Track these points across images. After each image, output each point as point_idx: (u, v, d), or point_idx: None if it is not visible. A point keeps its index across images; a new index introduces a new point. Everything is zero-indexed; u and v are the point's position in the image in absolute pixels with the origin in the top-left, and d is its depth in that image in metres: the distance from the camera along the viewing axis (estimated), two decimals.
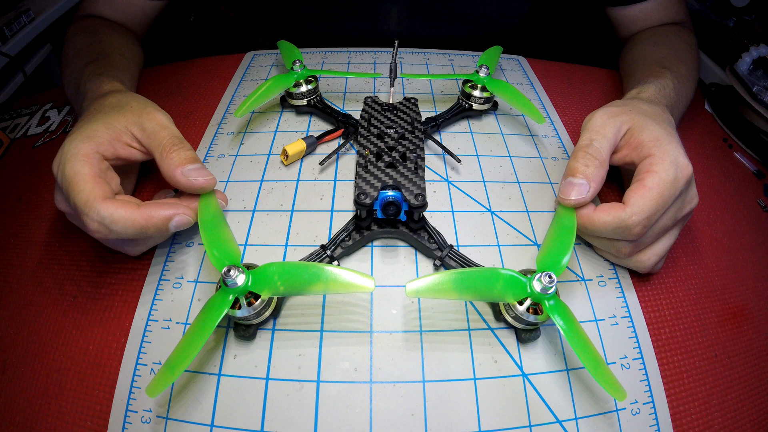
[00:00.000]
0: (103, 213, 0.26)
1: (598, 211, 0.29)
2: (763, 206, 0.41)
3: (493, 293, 0.27)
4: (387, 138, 0.36)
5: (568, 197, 0.30)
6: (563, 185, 0.31)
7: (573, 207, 0.30)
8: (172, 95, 0.47)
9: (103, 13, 0.49)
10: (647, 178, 0.29)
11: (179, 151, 0.30)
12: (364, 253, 0.33)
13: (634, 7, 0.50)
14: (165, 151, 0.30)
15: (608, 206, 0.29)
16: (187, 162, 0.30)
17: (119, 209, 0.27)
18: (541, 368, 0.28)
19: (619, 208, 0.28)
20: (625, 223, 0.28)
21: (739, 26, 0.59)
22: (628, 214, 0.28)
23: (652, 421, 0.27)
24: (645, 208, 0.28)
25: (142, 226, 0.27)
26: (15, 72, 0.73)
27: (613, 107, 0.33)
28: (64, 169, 0.28)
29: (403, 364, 0.27)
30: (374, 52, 0.54)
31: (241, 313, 0.26)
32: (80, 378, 0.27)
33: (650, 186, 0.28)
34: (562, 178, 0.31)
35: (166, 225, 0.28)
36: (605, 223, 0.29)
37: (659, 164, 0.29)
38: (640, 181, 0.29)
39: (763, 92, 0.46)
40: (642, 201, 0.28)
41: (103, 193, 0.27)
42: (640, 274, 0.32)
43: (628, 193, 0.29)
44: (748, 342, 0.32)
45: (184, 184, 0.30)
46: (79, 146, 0.28)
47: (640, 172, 0.30)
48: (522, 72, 0.52)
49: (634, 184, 0.29)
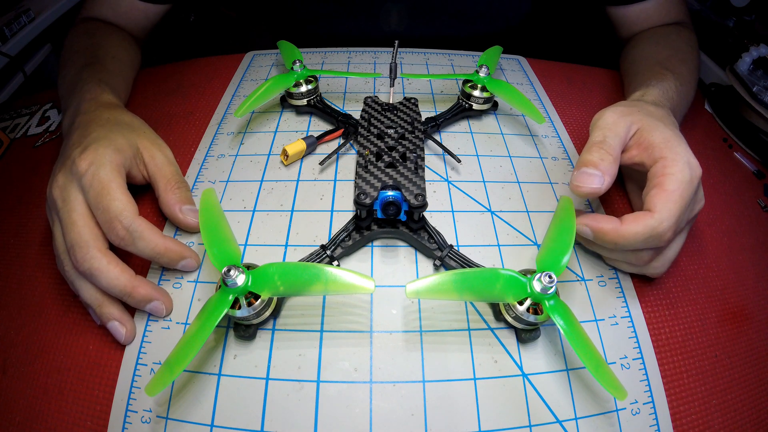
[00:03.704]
0: (135, 226, 0.28)
1: (627, 224, 0.28)
2: (763, 206, 0.41)
3: (493, 293, 0.27)
4: (387, 138, 0.36)
5: (583, 185, 0.29)
6: (577, 174, 0.29)
7: (585, 197, 0.29)
8: (172, 95, 0.47)
9: (105, 16, 0.49)
10: (666, 182, 0.28)
11: (182, 189, 0.34)
12: (364, 253, 0.33)
13: (634, 7, 0.50)
14: (169, 185, 0.33)
15: (634, 216, 0.28)
16: (186, 201, 0.33)
17: (148, 229, 0.29)
18: (541, 368, 0.28)
19: (647, 216, 0.27)
20: (657, 230, 0.27)
21: (739, 26, 0.59)
22: (657, 221, 0.27)
23: (652, 421, 0.27)
24: (672, 212, 0.27)
25: (159, 252, 0.29)
26: (15, 72, 0.73)
27: (621, 107, 0.33)
28: (99, 173, 0.29)
29: (403, 364, 0.27)
30: (374, 52, 0.54)
31: (241, 313, 0.26)
32: (80, 378, 0.27)
33: (672, 189, 0.28)
34: (575, 169, 0.30)
35: (177, 262, 0.30)
36: (637, 234, 0.27)
37: (674, 166, 0.28)
38: (660, 185, 0.28)
39: (763, 92, 0.46)
40: (668, 205, 0.27)
41: (135, 207, 0.29)
42: (640, 274, 0.32)
43: (650, 199, 0.28)
44: (748, 342, 0.32)
45: (180, 220, 0.33)
46: (113, 156, 0.30)
47: (655, 176, 0.29)
48: (522, 72, 0.52)
49: (654, 189, 0.28)
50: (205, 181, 0.37)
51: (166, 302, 0.29)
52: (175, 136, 0.42)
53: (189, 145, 0.41)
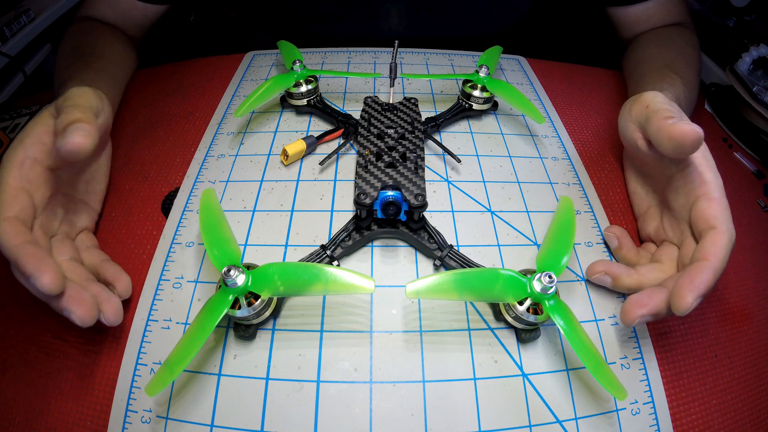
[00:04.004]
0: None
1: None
2: (763, 206, 0.41)
3: (493, 293, 0.27)
4: (387, 138, 0.36)
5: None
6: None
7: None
8: (172, 95, 0.47)
9: (103, 15, 0.49)
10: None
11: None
12: (364, 253, 0.33)
13: (635, 8, 0.50)
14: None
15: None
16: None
17: (10, 230, 0.25)
18: (541, 368, 0.28)
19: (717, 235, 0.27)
20: (732, 242, 0.27)
21: (739, 26, 0.59)
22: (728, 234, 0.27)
23: (652, 421, 0.27)
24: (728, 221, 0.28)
25: (10, 259, 0.25)
26: (15, 72, 0.73)
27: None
28: (6, 165, 0.27)
29: (403, 364, 0.27)
30: (374, 52, 0.54)
31: (241, 313, 0.26)
32: (80, 378, 0.27)
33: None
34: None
35: (32, 278, 0.24)
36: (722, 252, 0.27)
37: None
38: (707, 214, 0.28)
39: (763, 92, 0.46)
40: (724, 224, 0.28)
41: (16, 207, 0.26)
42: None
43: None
44: (748, 342, 0.32)
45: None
46: (25, 151, 0.28)
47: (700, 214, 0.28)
48: (522, 72, 0.52)
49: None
50: (205, 181, 0.37)
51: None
52: (175, 136, 0.42)
53: (189, 145, 0.41)
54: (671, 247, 0.31)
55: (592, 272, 0.31)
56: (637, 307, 0.26)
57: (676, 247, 0.31)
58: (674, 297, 0.25)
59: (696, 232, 0.29)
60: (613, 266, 0.31)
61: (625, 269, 0.30)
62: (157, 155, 0.40)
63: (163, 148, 0.41)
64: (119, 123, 0.43)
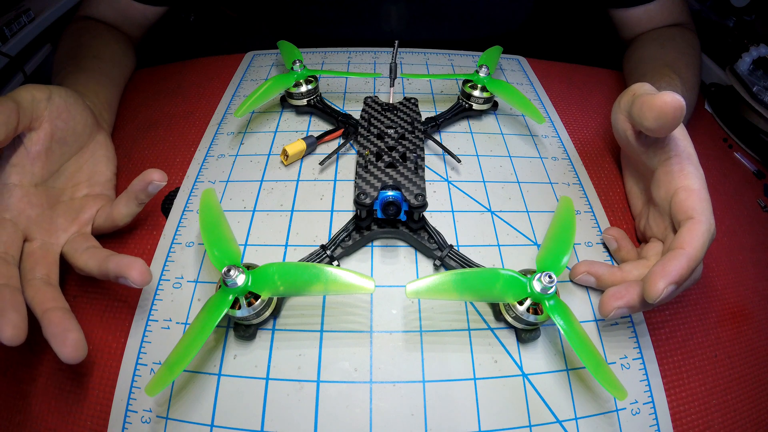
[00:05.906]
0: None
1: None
2: (763, 206, 0.41)
3: (493, 293, 0.27)
4: (387, 138, 0.36)
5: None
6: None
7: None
8: (172, 95, 0.47)
9: (103, 14, 0.49)
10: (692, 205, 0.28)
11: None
12: (364, 253, 0.33)
13: (637, 9, 0.50)
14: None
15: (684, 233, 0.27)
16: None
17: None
18: (541, 368, 0.28)
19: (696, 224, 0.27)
20: (710, 232, 0.27)
21: (739, 26, 0.59)
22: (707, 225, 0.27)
23: (652, 421, 0.27)
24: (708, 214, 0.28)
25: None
26: (15, 72, 0.73)
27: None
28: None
29: (403, 364, 0.27)
30: (374, 52, 0.54)
31: (241, 313, 0.26)
32: (80, 378, 0.27)
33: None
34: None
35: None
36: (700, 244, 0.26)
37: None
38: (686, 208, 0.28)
39: (763, 92, 0.46)
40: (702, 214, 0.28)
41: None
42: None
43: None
44: (748, 342, 0.32)
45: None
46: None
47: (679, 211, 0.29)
48: (522, 72, 0.52)
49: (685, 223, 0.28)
50: (205, 181, 0.37)
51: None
52: (175, 136, 0.42)
53: (189, 145, 0.41)
54: (656, 242, 0.31)
55: (576, 273, 0.31)
56: (614, 299, 0.27)
57: (662, 242, 0.31)
58: (646, 284, 0.25)
59: (675, 223, 0.29)
60: (596, 266, 0.30)
61: (609, 268, 0.30)
62: (157, 155, 0.40)
63: (163, 148, 0.41)
64: (119, 123, 0.43)
